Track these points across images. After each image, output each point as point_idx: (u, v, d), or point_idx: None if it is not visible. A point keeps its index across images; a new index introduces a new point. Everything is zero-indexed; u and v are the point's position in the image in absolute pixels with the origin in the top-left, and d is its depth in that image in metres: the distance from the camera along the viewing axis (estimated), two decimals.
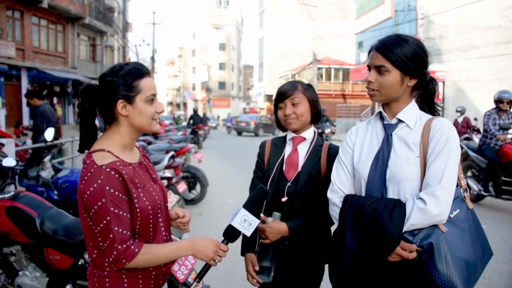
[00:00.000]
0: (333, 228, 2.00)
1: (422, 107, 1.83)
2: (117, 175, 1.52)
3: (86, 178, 1.52)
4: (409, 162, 1.69)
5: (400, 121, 1.77)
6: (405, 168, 1.68)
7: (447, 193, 1.58)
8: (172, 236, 1.85)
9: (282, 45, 48.32)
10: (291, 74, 42.57)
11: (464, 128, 12.55)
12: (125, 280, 1.60)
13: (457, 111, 13.03)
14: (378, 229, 1.60)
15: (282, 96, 2.17)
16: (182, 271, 2.68)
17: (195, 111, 20.60)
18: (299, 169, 2.14)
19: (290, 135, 2.23)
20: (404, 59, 1.68)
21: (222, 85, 64.25)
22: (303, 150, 2.20)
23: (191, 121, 19.43)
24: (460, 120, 12.80)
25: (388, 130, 1.79)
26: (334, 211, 1.85)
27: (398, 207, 1.62)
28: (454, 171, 1.62)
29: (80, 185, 1.54)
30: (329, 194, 1.89)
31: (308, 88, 2.20)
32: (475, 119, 13.22)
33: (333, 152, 2.15)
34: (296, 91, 2.15)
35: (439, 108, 1.85)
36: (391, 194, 1.72)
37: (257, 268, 2.08)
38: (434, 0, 24.25)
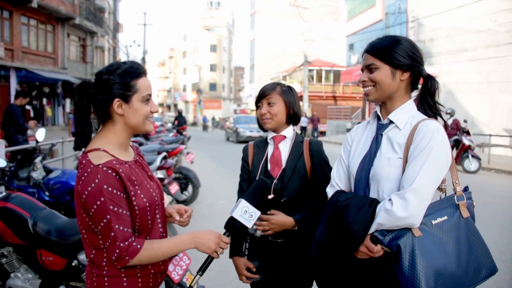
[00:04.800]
0: None
1: (422, 107, 1.80)
2: (114, 174, 1.52)
3: (83, 178, 1.51)
4: (390, 162, 1.69)
5: (391, 121, 1.77)
6: (385, 168, 1.70)
7: (417, 197, 1.55)
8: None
9: (274, 46, 48.42)
10: (282, 76, 42.62)
11: (453, 130, 12.68)
12: (124, 279, 1.59)
13: (446, 113, 13.14)
14: (343, 224, 1.65)
15: (260, 96, 2.26)
16: (177, 272, 2.66)
17: (180, 112, 20.90)
18: (284, 166, 2.20)
19: (270, 134, 2.29)
20: (390, 53, 1.71)
21: (213, 86, 64.18)
22: (284, 148, 2.26)
23: (176, 122, 19.60)
24: (449, 122, 12.92)
25: (379, 130, 1.81)
26: None
27: (368, 206, 1.64)
28: (431, 175, 1.59)
29: (78, 186, 1.53)
30: (328, 189, 1.94)
31: (287, 91, 2.27)
32: (465, 121, 13.36)
33: (313, 146, 2.25)
34: (273, 92, 2.24)
35: (441, 108, 1.82)
36: (372, 192, 1.75)
37: (254, 270, 2.17)
38: (425, 3, 24.46)
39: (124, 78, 1.58)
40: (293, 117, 2.26)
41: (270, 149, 2.29)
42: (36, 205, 3.11)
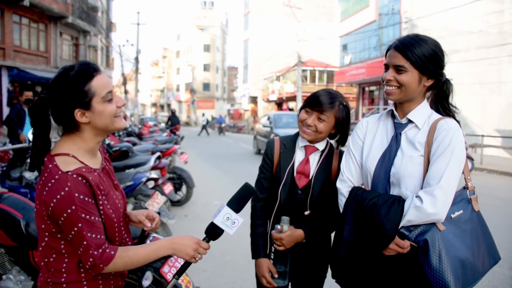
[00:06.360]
0: None
1: (436, 107, 1.84)
2: (84, 181, 1.44)
3: (50, 185, 1.42)
4: (413, 160, 1.73)
5: (410, 121, 1.81)
6: (408, 166, 1.73)
7: (445, 193, 1.61)
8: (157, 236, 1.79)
9: (267, 47, 48.43)
10: (275, 76, 42.67)
11: None
12: (84, 283, 1.53)
13: None
14: (375, 223, 1.67)
15: (313, 104, 2.07)
16: (172, 273, 2.63)
17: (173, 112, 20.85)
18: (310, 178, 2.12)
19: (302, 142, 2.16)
20: (423, 59, 1.71)
21: (206, 86, 64.12)
22: (314, 160, 2.16)
23: (169, 122, 19.57)
24: None
25: (398, 129, 1.84)
26: (341, 201, 1.90)
27: (397, 204, 1.68)
28: (455, 173, 1.65)
29: (43, 192, 1.43)
30: (338, 184, 1.94)
31: (343, 110, 2.08)
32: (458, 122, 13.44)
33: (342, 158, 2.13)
34: (330, 110, 2.04)
35: (454, 109, 1.86)
36: (394, 190, 1.77)
37: (276, 276, 2.11)
38: (418, 4, 24.55)
39: (76, 86, 1.46)
40: (334, 137, 2.16)
41: (298, 156, 2.17)
42: (28, 205, 3.06)
